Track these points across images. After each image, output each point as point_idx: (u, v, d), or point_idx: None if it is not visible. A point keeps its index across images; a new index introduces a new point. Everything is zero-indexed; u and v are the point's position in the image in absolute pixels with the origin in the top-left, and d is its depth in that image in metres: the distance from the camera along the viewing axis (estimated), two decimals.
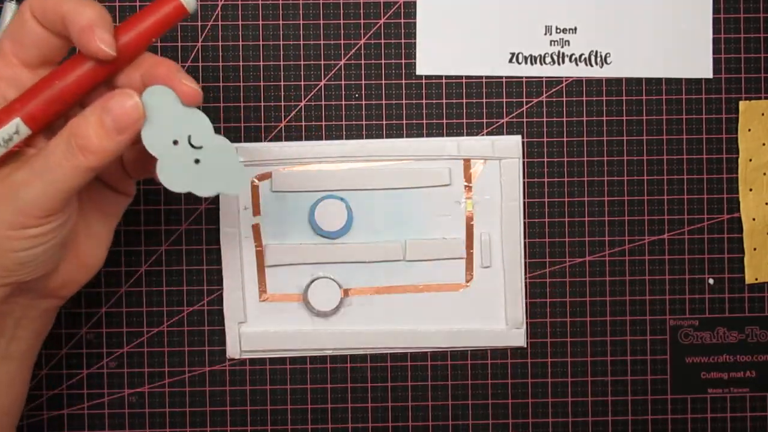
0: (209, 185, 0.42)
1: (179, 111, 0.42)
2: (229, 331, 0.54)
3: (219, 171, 0.42)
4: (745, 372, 0.55)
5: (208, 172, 0.42)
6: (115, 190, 0.47)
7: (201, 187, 0.42)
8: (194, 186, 0.42)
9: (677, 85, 0.55)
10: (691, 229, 0.55)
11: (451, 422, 0.55)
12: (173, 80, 0.41)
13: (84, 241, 0.46)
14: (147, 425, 0.54)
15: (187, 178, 0.42)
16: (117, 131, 0.41)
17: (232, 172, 0.42)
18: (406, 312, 0.54)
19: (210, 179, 0.42)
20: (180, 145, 0.42)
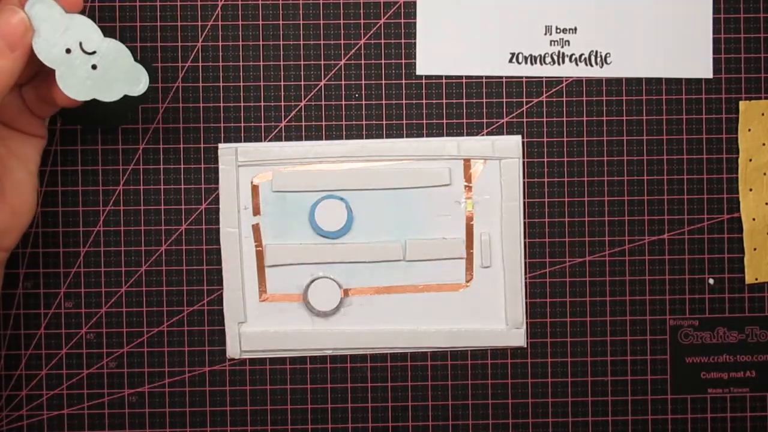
0: (112, 89, 0.45)
1: (65, 18, 0.43)
2: (229, 331, 0.54)
3: (118, 74, 0.45)
4: (745, 372, 0.55)
5: (107, 76, 0.45)
6: (24, 133, 0.48)
7: (104, 92, 0.45)
8: (98, 92, 0.44)
9: (677, 85, 0.55)
10: (691, 229, 0.55)
11: (451, 422, 0.55)
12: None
13: (9, 188, 0.47)
14: (147, 425, 0.54)
15: (88, 85, 0.44)
16: (9, 48, 0.42)
17: (130, 72, 0.45)
18: (406, 312, 0.54)
19: (111, 83, 0.45)
20: (74, 54, 0.44)
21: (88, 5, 0.53)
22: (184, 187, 0.54)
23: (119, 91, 0.45)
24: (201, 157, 0.54)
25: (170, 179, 0.54)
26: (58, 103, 0.46)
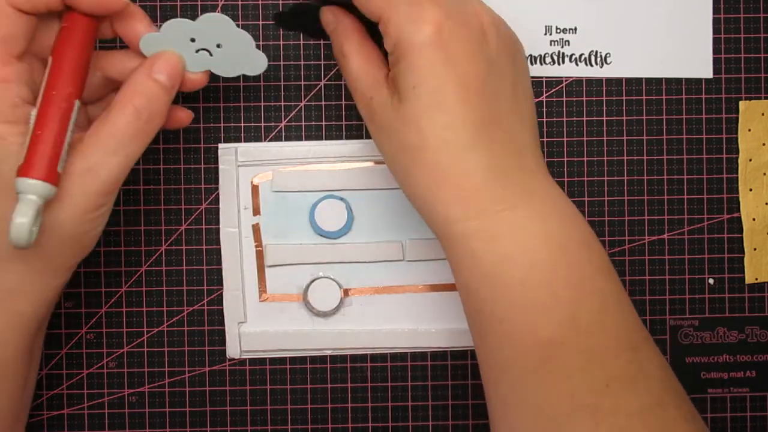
0: (234, 70, 0.47)
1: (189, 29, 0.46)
2: (229, 331, 0.54)
3: (239, 58, 0.47)
4: (745, 372, 0.55)
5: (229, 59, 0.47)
6: None
7: (226, 71, 0.47)
8: (219, 71, 0.47)
9: (677, 85, 0.55)
10: (691, 229, 0.55)
11: (451, 422, 0.55)
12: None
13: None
14: (147, 425, 0.54)
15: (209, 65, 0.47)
16: (172, 86, 0.46)
17: (252, 57, 0.47)
18: (406, 312, 0.54)
19: (234, 66, 0.47)
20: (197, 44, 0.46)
21: None
22: (184, 187, 0.54)
23: (239, 71, 0.47)
24: (201, 157, 0.54)
25: (170, 179, 0.54)
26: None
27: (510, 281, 0.43)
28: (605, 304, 0.44)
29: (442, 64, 0.43)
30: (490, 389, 0.46)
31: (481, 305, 0.44)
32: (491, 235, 0.43)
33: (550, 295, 0.43)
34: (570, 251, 0.44)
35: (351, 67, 0.46)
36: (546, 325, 0.43)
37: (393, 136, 0.44)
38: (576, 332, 0.43)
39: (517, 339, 0.43)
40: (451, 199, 0.43)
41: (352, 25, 0.47)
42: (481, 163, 0.43)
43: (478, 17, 0.45)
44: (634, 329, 0.45)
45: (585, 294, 0.43)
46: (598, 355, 0.43)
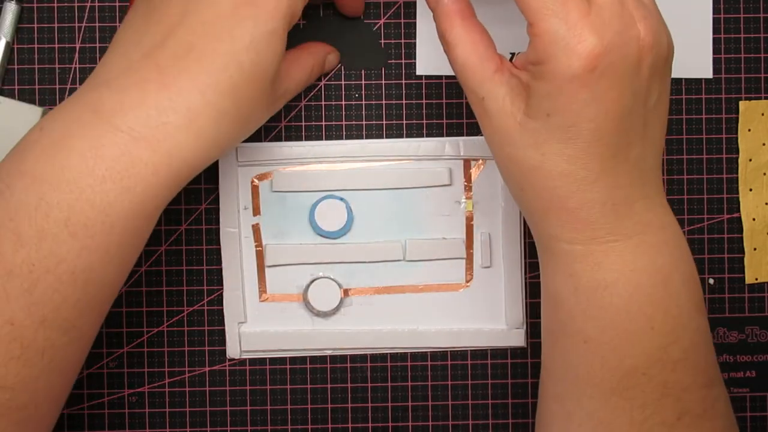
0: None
1: None
2: (229, 331, 0.54)
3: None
4: (745, 372, 0.55)
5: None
6: None
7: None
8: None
9: (677, 85, 0.55)
10: (691, 229, 0.55)
11: (451, 422, 0.55)
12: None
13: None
14: (147, 425, 0.54)
15: None
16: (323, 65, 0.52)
17: None
18: (406, 312, 0.54)
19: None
20: None
21: (88, 5, 0.53)
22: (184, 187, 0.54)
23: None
24: None
25: None
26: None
27: (606, 306, 0.43)
28: (694, 342, 0.44)
29: (584, 103, 0.40)
30: (552, 401, 0.46)
31: (569, 320, 0.44)
32: (597, 261, 0.42)
33: (646, 326, 0.43)
34: (672, 286, 0.43)
35: (456, 59, 0.44)
36: (633, 354, 0.43)
37: (509, 148, 0.43)
38: (662, 366, 0.43)
39: (600, 361, 0.43)
40: (563, 224, 0.43)
41: (458, 5, 0.44)
42: (601, 196, 0.42)
43: (638, 43, 0.41)
44: (713, 366, 0.45)
45: (679, 330, 0.43)
46: (677, 389, 0.43)
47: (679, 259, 0.44)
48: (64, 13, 0.53)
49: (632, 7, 0.41)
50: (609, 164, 0.42)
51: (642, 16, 0.41)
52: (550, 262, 0.44)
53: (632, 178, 0.43)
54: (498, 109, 0.42)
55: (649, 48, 0.41)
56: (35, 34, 0.53)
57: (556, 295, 0.44)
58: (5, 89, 0.53)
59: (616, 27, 0.40)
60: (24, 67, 0.53)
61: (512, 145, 0.42)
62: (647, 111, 0.42)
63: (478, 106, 0.44)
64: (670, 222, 0.44)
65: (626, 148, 0.42)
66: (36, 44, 0.53)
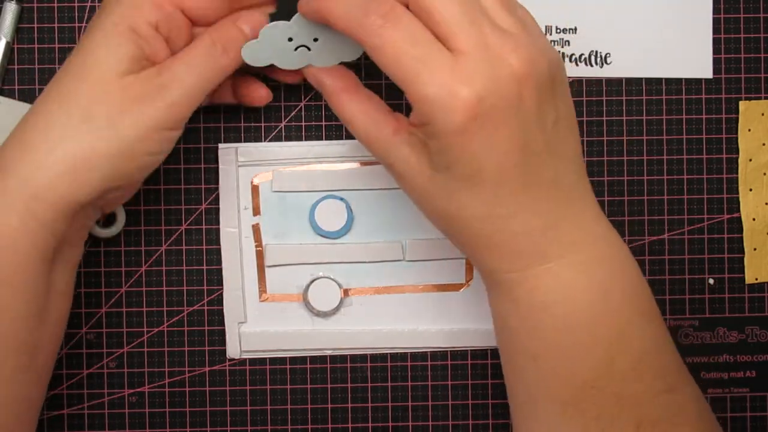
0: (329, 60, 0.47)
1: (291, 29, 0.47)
2: (229, 331, 0.54)
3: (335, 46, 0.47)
4: (745, 372, 0.55)
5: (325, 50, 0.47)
6: None
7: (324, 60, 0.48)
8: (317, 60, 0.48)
9: (677, 85, 0.55)
10: (691, 229, 0.55)
11: (450, 422, 0.55)
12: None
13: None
14: (147, 425, 0.54)
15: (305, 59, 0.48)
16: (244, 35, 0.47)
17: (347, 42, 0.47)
18: (406, 312, 0.54)
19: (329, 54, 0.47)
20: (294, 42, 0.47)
21: (89, 5, 0.53)
22: (184, 187, 0.54)
23: (338, 59, 0.48)
24: (201, 157, 0.54)
25: (170, 179, 0.54)
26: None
27: (548, 326, 0.43)
28: (644, 350, 0.44)
29: (477, 151, 0.41)
30: (519, 422, 0.46)
31: (516, 340, 0.45)
32: (533, 285, 0.43)
33: (588, 340, 0.43)
34: (612, 298, 0.44)
35: (356, 132, 0.45)
36: (581, 368, 0.43)
37: (426, 203, 0.44)
38: (610, 377, 0.43)
39: (551, 376, 0.44)
40: (494, 258, 0.43)
41: (341, 83, 0.46)
42: (524, 227, 0.43)
43: (513, 77, 0.41)
44: (673, 371, 0.45)
45: (624, 340, 0.44)
46: (631, 398, 0.43)
47: (617, 270, 0.44)
48: (64, 13, 0.53)
49: (498, 44, 0.41)
50: (522, 197, 0.42)
51: (511, 48, 0.41)
52: (493, 289, 0.45)
53: (552, 201, 0.43)
54: (406, 169, 0.44)
55: (527, 77, 0.41)
56: (35, 34, 0.53)
57: (503, 319, 0.45)
58: (5, 89, 0.53)
59: (484, 71, 0.41)
60: (24, 67, 0.53)
61: (428, 199, 0.44)
62: (547, 134, 0.42)
63: (389, 170, 0.45)
64: (603, 234, 0.45)
65: (536, 175, 0.42)
66: (36, 44, 0.53)
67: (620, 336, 0.43)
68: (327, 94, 0.47)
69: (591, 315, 0.43)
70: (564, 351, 0.43)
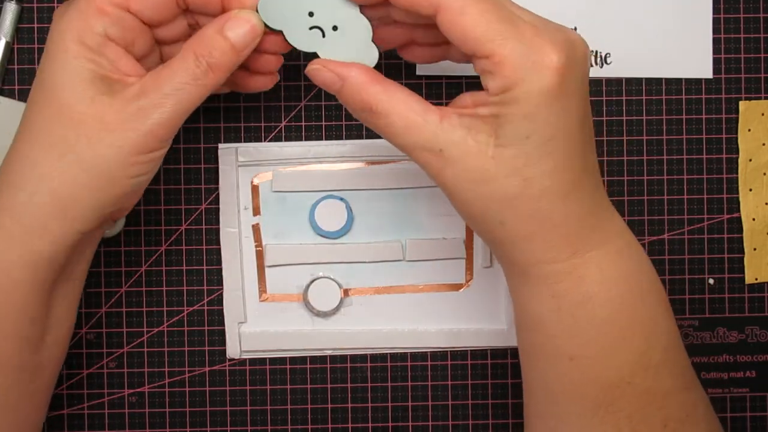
0: (341, 55, 0.44)
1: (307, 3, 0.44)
2: (229, 331, 0.54)
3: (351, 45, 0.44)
4: (745, 372, 0.55)
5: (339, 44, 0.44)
6: None
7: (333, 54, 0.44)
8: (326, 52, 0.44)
9: (677, 85, 0.55)
10: (691, 229, 0.55)
11: (451, 422, 0.55)
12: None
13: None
14: (147, 425, 0.54)
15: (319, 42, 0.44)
16: (243, 47, 0.43)
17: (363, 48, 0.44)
18: (406, 312, 0.54)
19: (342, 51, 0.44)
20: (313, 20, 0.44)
21: None
22: (184, 187, 0.54)
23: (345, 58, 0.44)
24: (201, 157, 0.54)
25: (170, 179, 0.54)
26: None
27: (590, 320, 0.43)
28: (670, 344, 0.44)
29: (559, 115, 0.40)
30: (537, 421, 0.46)
31: (549, 341, 0.44)
32: (580, 275, 0.42)
33: (627, 333, 0.43)
34: (645, 291, 0.44)
35: (394, 125, 0.42)
36: (617, 365, 0.43)
37: (485, 186, 0.42)
38: (645, 372, 0.43)
39: (586, 376, 0.43)
40: (547, 245, 0.42)
41: (367, 75, 0.42)
42: (576, 208, 0.42)
43: (579, 47, 0.42)
44: (689, 369, 0.45)
45: (656, 334, 0.43)
46: (660, 395, 0.43)
47: (642, 262, 0.44)
48: None
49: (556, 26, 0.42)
50: (579, 174, 0.42)
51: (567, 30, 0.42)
52: (527, 286, 0.43)
53: (594, 190, 0.43)
54: (463, 152, 0.41)
55: (585, 56, 0.42)
56: (35, 34, 0.53)
57: (536, 318, 0.44)
58: (5, 89, 0.53)
59: (561, 36, 0.41)
60: (24, 67, 0.53)
61: (488, 181, 0.41)
62: (589, 120, 0.43)
63: (435, 160, 0.42)
64: (624, 227, 0.45)
65: (589, 155, 0.43)
66: (36, 44, 0.53)
67: (653, 330, 0.43)
68: (353, 88, 0.42)
69: (627, 307, 0.43)
70: (603, 347, 0.43)
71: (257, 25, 0.43)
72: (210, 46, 0.42)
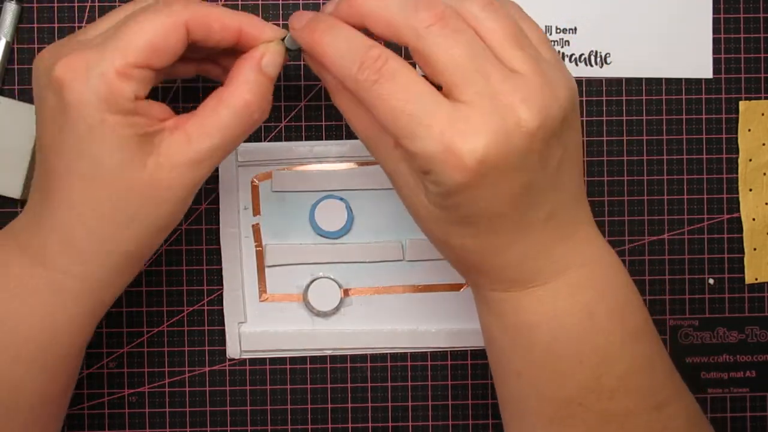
0: None
1: None
2: (229, 331, 0.54)
3: None
4: (745, 372, 0.55)
5: None
6: None
7: None
8: None
9: (677, 85, 0.55)
10: (691, 229, 0.55)
11: (450, 422, 0.55)
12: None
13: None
14: (147, 425, 0.54)
15: None
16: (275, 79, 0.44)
17: None
18: (406, 312, 0.54)
19: None
20: None
21: (88, 5, 0.53)
22: None
23: None
24: None
25: None
26: None
27: (533, 345, 0.43)
28: (632, 368, 0.43)
29: (476, 199, 0.39)
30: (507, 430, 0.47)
31: (502, 356, 0.44)
32: (519, 304, 0.43)
33: (574, 360, 0.43)
34: (599, 319, 0.43)
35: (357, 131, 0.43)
36: (566, 386, 0.43)
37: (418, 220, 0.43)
38: (597, 395, 0.43)
39: (535, 393, 0.43)
40: (482, 279, 0.43)
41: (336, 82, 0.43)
42: (515, 258, 0.42)
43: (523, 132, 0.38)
44: (663, 387, 0.44)
45: (611, 360, 0.43)
46: (618, 415, 0.43)
47: (605, 290, 0.43)
48: (64, 13, 0.53)
49: (506, 92, 0.38)
50: (517, 234, 0.41)
51: (521, 97, 0.38)
52: (481, 302, 0.45)
53: (547, 232, 0.42)
54: (403, 184, 0.41)
55: (537, 129, 0.38)
56: (35, 34, 0.53)
57: (489, 333, 0.45)
58: (5, 89, 0.53)
59: (491, 124, 0.38)
60: (24, 67, 0.53)
61: (420, 218, 0.42)
62: (550, 173, 0.40)
63: (388, 176, 0.43)
64: (594, 255, 0.43)
65: (534, 212, 0.41)
66: (36, 44, 0.53)
67: (606, 356, 0.43)
68: (329, 89, 0.44)
69: (576, 336, 0.43)
70: (549, 370, 0.43)
71: (284, 53, 0.44)
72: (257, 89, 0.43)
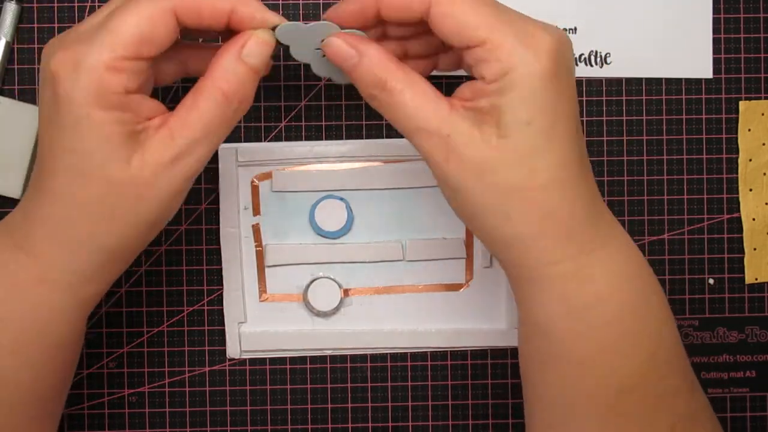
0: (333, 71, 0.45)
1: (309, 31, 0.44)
2: (229, 331, 0.54)
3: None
4: (745, 372, 0.55)
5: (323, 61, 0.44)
6: None
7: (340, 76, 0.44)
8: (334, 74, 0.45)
9: (677, 85, 0.55)
10: (691, 229, 0.55)
11: (450, 422, 0.55)
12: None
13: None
14: (147, 425, 0.54)
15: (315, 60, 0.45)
16: (262, 69, 0.43)
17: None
18: (406, 312, 0.54)
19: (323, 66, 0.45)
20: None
21: (89, 5, 0.53)
22: None
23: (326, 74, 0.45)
24: None
25: None
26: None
27: (598, 322, 0.42)
28: (674, 344, 0.44)
29: (556, 99, 0.40)
30: (546, 430, 0.45)
31: (556, 346, 0.43)
32: (587, 274, 0.42)
33: (635, 337, 0.42)
34: (650, 292, 0.43)
35: (407, 104, 0.41)
36: (627, 367, 0.42)
37: (489, 176, 0.41)
38: (654, 374, 0.43)
39: (595, 381, 0.43)
40: (554, 242, 0.41)
41: (385, 54, 0.42)
42: (582, 201, 0.41)
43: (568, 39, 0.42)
44: (691, 370, 0.45)
45: (662, 335, 0.43)
46: (668, 396, 0.43)
47: (642, 264, 0.44)
48: (64, 13, 0.53)
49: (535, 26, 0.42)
50: (580, 166, 0.42)
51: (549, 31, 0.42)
52: (535, 290, 0.43)
53: (592, 182, 0.43)
54: (467, 141, 0.41)
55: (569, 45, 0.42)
56: (35, 34, 0.53)
57: (546, 323, 0.43)
58: (5, 89, 0.53)
59: (548, 25, 0.41)
60: (24, 67, 0.53)
61: (492, 171, 0.41)
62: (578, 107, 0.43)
63: (440, 147, 0.41)
64: (621, 227, 0.44)
65: (583, 142, 0.43)
66: (36, 44, 0.53)
67: (657, 328, 0.43)
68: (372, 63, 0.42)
69: (638, 309, 0.42)
70: (613, 350, 0.42)
71: (272, 40, 0.43)
72: (236, 79, 0.42)
